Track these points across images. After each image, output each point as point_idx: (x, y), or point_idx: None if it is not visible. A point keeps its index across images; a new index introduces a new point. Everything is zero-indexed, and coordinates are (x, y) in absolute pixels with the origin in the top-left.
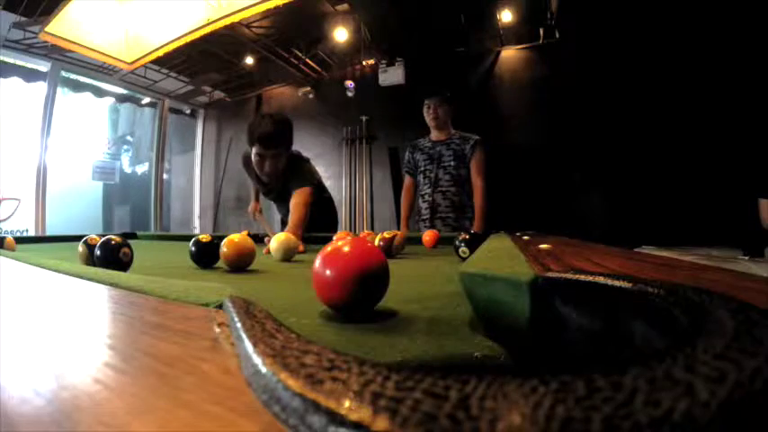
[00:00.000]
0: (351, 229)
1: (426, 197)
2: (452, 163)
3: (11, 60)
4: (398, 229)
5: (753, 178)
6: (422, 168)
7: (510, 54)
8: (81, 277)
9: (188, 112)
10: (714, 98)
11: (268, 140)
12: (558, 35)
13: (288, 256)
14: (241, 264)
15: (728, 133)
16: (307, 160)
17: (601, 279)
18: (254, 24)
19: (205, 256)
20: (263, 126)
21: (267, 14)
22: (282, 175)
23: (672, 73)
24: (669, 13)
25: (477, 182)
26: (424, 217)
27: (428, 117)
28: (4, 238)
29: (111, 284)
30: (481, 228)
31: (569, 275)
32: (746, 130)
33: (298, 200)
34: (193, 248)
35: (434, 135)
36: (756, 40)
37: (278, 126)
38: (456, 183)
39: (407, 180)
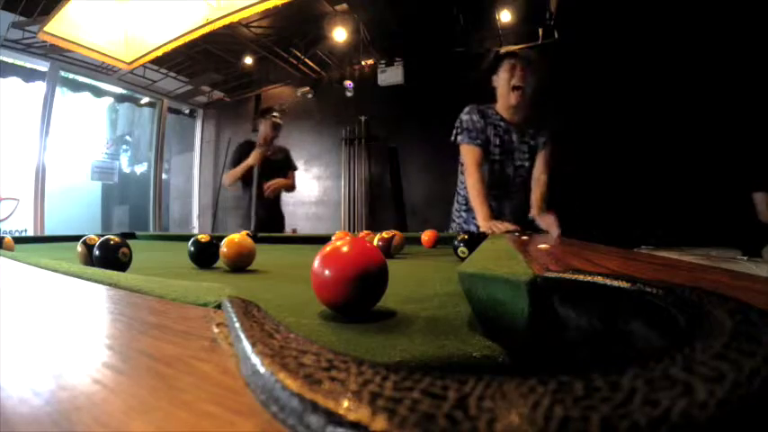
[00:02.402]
0: (349, 229)
1: (489, 199)
2: (527, 164)
3: (10, 60)
4: (397, 228)
5: (747, 173)
6: (491, 155)
7: None
8: (80, 277)
9: (187, 111)
10: (712, 97)
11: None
12: (556, 35)
13: (241, 262)
14: (241, 264)
15: (726, 133)
16: None
17: (600, 279)
18: (253, 24)
19: (204, 256)
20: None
21: (266, 14)
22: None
23: (670, 73)
24: (668, 12)
25: (540, 176)
26: (463, 228)
27: (507, 90)
28: (2, 238)
29: (109, 284)
30: (542, 205)
31: (568, 275)
32: (742, 129)
33: (292, 175)
34: (192, 248)
35: (506, 111)
36: (753, 40)
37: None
38: (524, 188)
39: (476, 153)
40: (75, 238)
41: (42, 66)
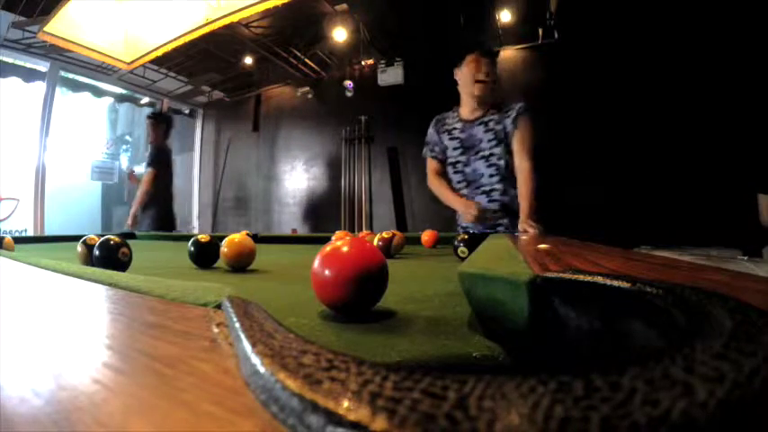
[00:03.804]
0: (350, 230)
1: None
2: (495, 150)
3: (10, 60)
4: (397, 228)
5: (751, 174)
6: (452, 159)
7: (509, 54)
8: (80, 277)
9: (187, 111)
10: (712, 97)
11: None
12: (557, 35)
13: (241, 262)
14: (241, 264)
15: (726, 132)
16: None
17: (599, 279)
18: (253, 24)
19: (204, 255)
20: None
21: (266, 14)
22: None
23: (670, 73)
24: (668, 12)
25: (521, 164)
26: (463, 224)
27: (470, 83)
28: (2, 238)
29: (109, 284)
30: (531, 217)
31: (568, 275)
32: (744, 128)
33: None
34: (192, 248)
35: (467, 111)
36: (754, 39)
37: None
38: (503, 178)
39: (432, 164)
40: (75, 238)
41: (42, 66)
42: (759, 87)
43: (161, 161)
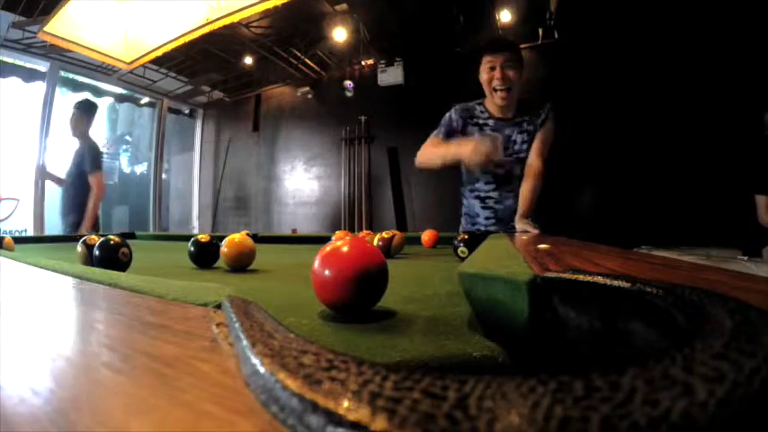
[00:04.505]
0: (349, 229)
1: (490, 202)
2: (528, 153)
3: (10, 60)
4: (397, 228)
5: (750, 174)
6: None
7: None
8: (80, 277)
9: (187, 111)
10: (712, 97)
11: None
12: (557, 35)
13: (241, 262)
14: (241, 264)
15: (726, 132)
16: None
17: (600, 279)
18: (253, 24)
19: (204, 256)
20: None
21: (266, 14)
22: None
23: (670, 72)
24: (668, 12)
25: (533, 161)
26: (488, 225)
27: (486, 86)
28: (2, 238)
29: (109, 284)
30: (528, 216)
31: (568, 275)
32: (744, 129)
33: (95, 180)
34: (192, 248)
35: (496, 108)
36: (753, 39)
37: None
38: None
39: (437, 139)
40: (75, 239)
41: (42, 66)
42: (758, 88)
43: (101, 161)
